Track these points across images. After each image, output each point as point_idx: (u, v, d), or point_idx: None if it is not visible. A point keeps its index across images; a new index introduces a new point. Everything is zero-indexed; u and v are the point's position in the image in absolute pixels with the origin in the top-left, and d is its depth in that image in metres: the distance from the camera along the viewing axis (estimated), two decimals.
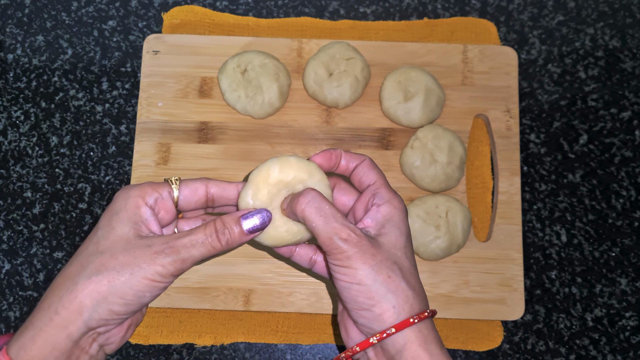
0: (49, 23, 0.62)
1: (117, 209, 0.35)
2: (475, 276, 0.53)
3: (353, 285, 0.33)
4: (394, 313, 0.33)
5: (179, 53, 0.58)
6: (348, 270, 0.33)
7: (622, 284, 0.56)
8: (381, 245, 0.34)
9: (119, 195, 0.36)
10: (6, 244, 0.56)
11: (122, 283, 0.32)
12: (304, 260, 0.40)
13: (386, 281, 0.33)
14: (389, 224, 0.36)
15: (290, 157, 0.37)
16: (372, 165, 0.38)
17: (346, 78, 0.55)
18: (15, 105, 0.59)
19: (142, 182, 0.36)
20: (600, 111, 0.60)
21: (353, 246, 0.33)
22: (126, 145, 0.58)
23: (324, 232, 0.34)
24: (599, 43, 0.62)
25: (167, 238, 0.34)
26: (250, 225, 0.36)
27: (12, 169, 0.58)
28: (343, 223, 0.34)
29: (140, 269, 0.32)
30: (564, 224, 0.57)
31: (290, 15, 0.62)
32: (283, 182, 0.37)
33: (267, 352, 0.54)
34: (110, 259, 0.33)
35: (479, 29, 0.61)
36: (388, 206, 0.36)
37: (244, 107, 0.56)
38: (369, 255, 0.34)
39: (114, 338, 0.35)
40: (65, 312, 0.32)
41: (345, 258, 0.33)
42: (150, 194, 0.35)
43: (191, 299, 0.53)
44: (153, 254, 0.33)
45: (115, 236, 0.34)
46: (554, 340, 0.54)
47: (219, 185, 0.38)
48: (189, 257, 0.34)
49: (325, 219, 0.34)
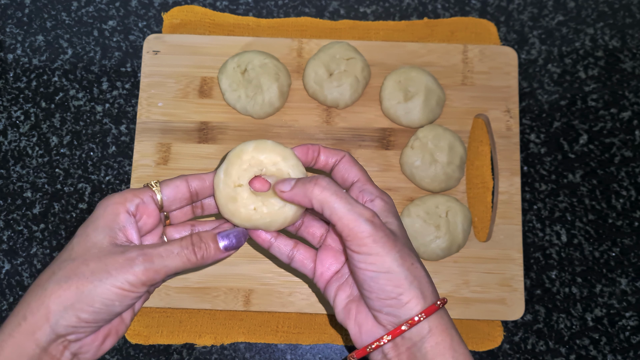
0: (49, 23, 0.62)
1: (95, 217, 0.34)
2: (475, 276, 0.53)
3: (381, 274, 0.33)
4: (421, 300, 0.33)
5: (179, 53, 0.58)
6: (375, 258, 0.33)
7: (622, 284, 0.56)
8: (394, 233, 0.34)
9: (100, 204, 0.35)
10: (6, 244, 0.56)
11: (90, 290, 0.31)
12: (283, 253, 0.39)
13: (410, 268, 0.33)
14: (389, 214, 0.36)
15: (267, 141, 0.38)
16: (352, 161, 0.38)
17: (346, 78, 0.55)
18: (15, 105, 0.59)
19: (123, 190, 0.36)
20: (600, 111, 0.60)
21: (379, 230, 0.33)
22: (126, 145, 0.58)
23: (348, 215, 0.33)
24: (599, 43, 0.62)
25: (142, 246, 0.33)
26: (226, 242, 0.36)
27: (12, 169, 0.58)
28: (364, 206, 0.33)
29: (110, 276, 0.32)
30: (564, 224, 0.57)
31: (290, 15, 0.62)
32: (255, 160, 0.37)
33: (267, 352, 0.54)
34: (81, 265, 0.32)
35: (479, 29, 0.61)
36: (381, 200, 0.36)
37: (244, 107, 0.56)
38: (392, 241, 0.33)
39: (87, 347, 0.34)
40: (32, 318, 0.31)
41: (372, 243, 0.32)
42: (131, 200, 0.35)
43: (191, 299, 0.53)
44: (125, 260, 0.32)
45: (90, 243, 0.33)
46: (554, 340, 0.54)
47: (198, 177, 0.38)
48: (162, 267, 0.33)
49: (347, 201, 0.33)
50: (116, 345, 0.54)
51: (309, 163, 0.39)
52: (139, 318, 0.54)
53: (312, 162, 0.39)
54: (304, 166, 0.38)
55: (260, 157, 0.37)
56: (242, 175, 0.37)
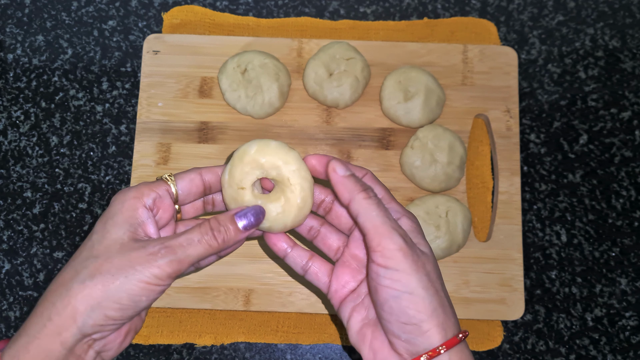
0: (49, 23, 0.62)
1: (113, 212, 0.34)
2: (475, 276, 0.53)
3: (404, 294, 0.31)
4: (441, 330, 0.31)
5: (179, 53, 0.58)
6: (400, 275, 0.31)
7: (622, 284, 0.56)
8: (422, 256, 0.33)
9: (115, 198, 0.35)
10: (6, 244, 0.56)
11: (117, 287, 0.31)
12: (297, 264, 0.39)
13: (435, 295, 0.32)
14: (417, 236, 0.34)
15: (271, 142, 0.37)
16: (375, 179, 0.37)
17: (346, 78, 0.55)
18: (15, 105, 0.59)
19: (138, 184, 0.36)
20: (600, 111, 0.60)
21: (409, 247, 0.32)
22: (126, 145, 0.58)
23: (383, 225, 0.32)
24: (599, 43, 0.62)
25: (162, 239, 0.33)
26: (244, 222, 0.35)
27: (12, 169, 0.58)
28: (398, 224, 0.33)
29: (136, 271, 0.32)
30: (564, 224, 0.57)
31: (290, 15, 0.62)
32: (257, 163, 0.36)
33: (267, 352, 0.54)
34: (105, 262, 0.32)
35: (479, 29, 0.61)
36: (406, 219, 0.35)
37: (244, 107, 0.56)
38: (420, 264, 0.32)
39: (111, 345, 0.34)
40: (58, 319, 0.31)
41: (401, 257, 0.31)
42: (148, 195, 0.35)
43: (191, 299, 0.53)
44: (148, 255, 0.32)
45: (110, 240, 0.33)
46: (554, 340, 0.54)
47: (211, 170, 0.38)
48: (185, 257, 0.33)
49: (385, 214, 0.33)
50: None
51: (321, 175, 0.38)
52: None
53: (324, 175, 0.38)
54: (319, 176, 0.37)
55: (261, 160, 0.36)
56: (244, 177, 0.37)
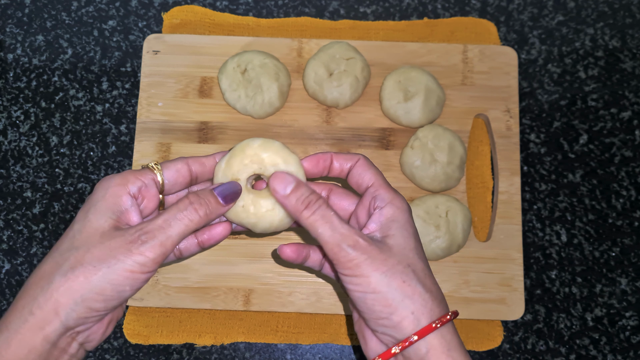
0: (49, 23, 0.62)
1: (95, 199, 0.33)
2: (475, 276, 0.53)
3: (367, 294, 0.32)
4: (413, 319, 0.32)
5: (179, 53, 0.58)
6: (360, 280, 0.32)
7: (622, 283, 0.56)
8: (391, 249, 0.33)
9: (99, 185, 0.34)
10: (6, 244, 0.56)
11: (99, 278, 0.31)
12: (315, 262, 0.39)
13: (401, 286, 0.32)
14: (394, 225, 0.34)
15: (275, 142, 0.37)
16: (367, 164, 0.37)
17: (346, 78, 0.55)
18: (15, 105, 0.59)
19: (123, 171, 0.35)
20: (600, 111, 0.60)
21: (362, 253, 0.32)
22: (126, 145, 0.58)
23: (331, 240, 0.33)
24: (599, 43, 0.62)
25: (140, 225, 0.32)
26: (224, 193, 0.35)
27: (12, 169, 0.58)
28: (349, 229, 0.33)
29: (118, 261, 0.31)
30: (564, 223, 0.57)
31: (290, 15, 0.62)
32: (257, 157, 0.36)
33: (267, 352, 0.54)
34: (86, 254, 0.31)
35: (479, 29, 0.61)
36: (391, 207, 0.35)
37: (244, 107, 0.56)
38: (380, 261, 0.32)
39: (94, 335, 0.34)
40: (40, 313, 0.30)
41: (355, 266, 0.32)
42: (133, 182, 0.34)
43: (191, 299, 0.53)
44: (129, 243, 0.31)
45: (91, 229, 0.32)
46: (554, 340, 0.54)
47: (198, 161, 0.37)
48: (166, 239, 0.32)
49: (331, 225, 0.33)
50: (116, 345, 0.54)
51: (322, 173, 0.38)
52: (139, 318, 0.54)
53: (324, 172, 0.38)
54: (314, 177, 0.38)
55: (263, 155, 0.36)
56: (242, 169, 0.37)
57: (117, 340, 0.54)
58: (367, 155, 0.55)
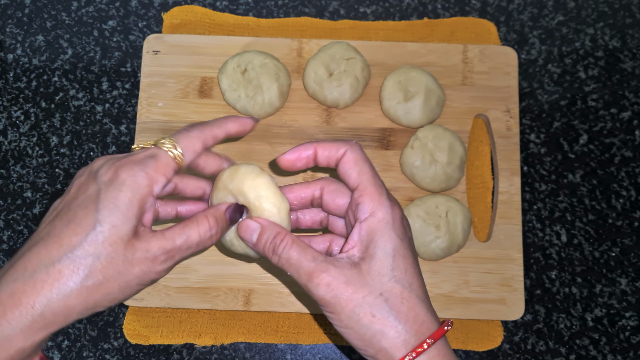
0: (49, 23, 0.62)
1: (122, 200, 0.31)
2: (475, 276, 0.53)
3: (342, 329, 0.33)
4: (386, 354, 0.32)
5: (179, 53, 0.58)
6: (333, 316, 0.32)
7: (622, 284, 0.56)
8: (364, 277, 0.32)
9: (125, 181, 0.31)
10: (6, 244, 0.56)
11: (115, 289, 0.31)
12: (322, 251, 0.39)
13: (371, 321, 0.31)
14: (372, 244, 0.33)
15: (241, 167, 0.36)
16: (353, 160, 0.34)
17: (346, 78, 0.55)
18: (15, 105, 0.59)
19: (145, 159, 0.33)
20: (600, 111, 0.60)
21: (330, 290, 0.32)
22: (126, 145, 0.58)
23: (300, 280, 0.33)
24: (599, 43, 0.62)
25: (161, 241, 0.32)
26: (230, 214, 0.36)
27: (12, 169, 0.58)
28: (316, 266, 0.32)
29: (136, 277, 0.31)
30: (564, 224, 0.57)
31: (290, 15, 0.62)
32: (227, 189, 0.36)
33: (267, 352, 0.54)
34: (108, 266, 0.30)
35: (479, 29, 0.61)
36: (372, 221, 0.33)
37: (244, 107, 0.56)
38: (348, 296, 0.32)
39: None
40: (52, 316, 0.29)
41: (326, 304, 0.32)
42: (159, 183, 0.33)
43: (191, 299, 0.53)
44: (151, 261, 0.31)
45: (117, 237, 0.30)
46: (554, 340, 0.54)
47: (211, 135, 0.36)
48: (180, 260, 0.33)
49: (295, 267, 0.33)
50: (116, 345, 0.54)
51: (307, 166, 0.36)
52: (139, 318, 0.54)
53: (310, 164, 0.36)
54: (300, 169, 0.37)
55: (229, 186, 0.36)
56: (222, 200, 0.37)
57: (117, 341, 0.54)
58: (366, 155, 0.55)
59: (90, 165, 0.34)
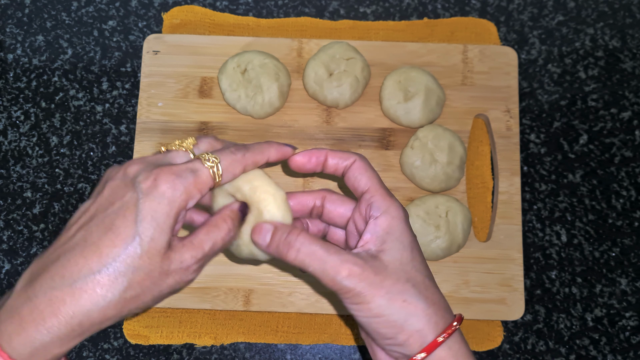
0: (49, 23, 0.62)
1: (160, 213, 0.30)
2: (475, 276, 0.53)
3: (371, 319, 0.33)
4: (419, 337, 0.32)
5: (179, 53, 0.58)
6: (362, 306, 0.32)
7: (622, 284, 0.56)
8: (387, 267, 0.33)
9: (165, 192, 0.31)
10: (6, 244, 0.56)
11: (148, 297, 0.31)
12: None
13: (403, 306, 0.32)
14: (389, 238, 0.34)
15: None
16: (363, 167, 0.36)
17: (346, 78, 0.55)
18: (15, 105, 0.59)
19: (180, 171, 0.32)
20: (600, 111, 0.60)
21: (358, 281, 0.32)
22: (126, 145, 0.58)
23: (323, 275, 0.33)
24: (599, 43, 0.62)
25: (192, 250, 0.32)
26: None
27: (12, 169, 0.58)
28: (339, 258, 0.33)
29: (168, 286, 0.32)
30: (564, 224, 0.57)
31: (290, 15, 0.62)
32: (225, 191, 0.36)
33: (267, 352, 0.54)
34: (146, 278, 0.30)
35: (479, 29, 0.61)
36: (386, 217, 0.34)
37: (244, 107, 0.56)
38: (377, 284, 0.32)
39: None
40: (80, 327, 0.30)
41: (354, 295, 0.32)
42: (194, 198, 0.32)
43: (191, 299, 0.53)
44: (184, 271, 0.32)
45: (155, 250, 0.30)
46: (554, 340, 0.54)
47: (255, 158, 0.36)
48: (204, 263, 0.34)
49: (320, 261, 0.33)
50: (116, 345, 0.54)
51: (314, 169, 0.37)
52: (139, 318, 0.54)
53: (318, 168, 0.37)
54: (307, 172, 0.37)
55: (227, 187, 0.36)
56: (223, 203, 0.37)
57: (117, 341, 0.54)
58: (367, 156, 0.56)
59: (123, 168, 0.33)
